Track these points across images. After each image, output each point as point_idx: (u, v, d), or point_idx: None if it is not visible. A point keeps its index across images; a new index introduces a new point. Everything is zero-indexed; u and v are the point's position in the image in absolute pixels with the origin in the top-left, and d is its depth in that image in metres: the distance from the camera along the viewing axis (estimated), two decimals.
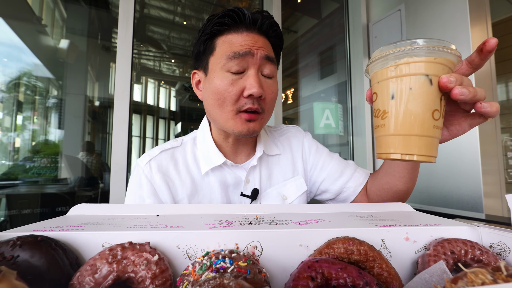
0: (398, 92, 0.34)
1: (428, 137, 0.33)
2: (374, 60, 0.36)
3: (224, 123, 0.57)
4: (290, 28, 2.88)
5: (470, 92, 0.33)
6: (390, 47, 0.34)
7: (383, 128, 0.35)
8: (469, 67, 0.39)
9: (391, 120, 0.34)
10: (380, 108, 0.36)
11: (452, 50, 0.33)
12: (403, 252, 0.32)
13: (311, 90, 2.55)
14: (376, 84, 0.37)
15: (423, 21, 1.42)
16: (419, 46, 0.32)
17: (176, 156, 0.64)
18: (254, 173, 0.65)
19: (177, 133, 5.10)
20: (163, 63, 4.73)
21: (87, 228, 0.31)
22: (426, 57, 0.32)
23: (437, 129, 0.34)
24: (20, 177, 1.65)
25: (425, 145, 0.33)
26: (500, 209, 1.18)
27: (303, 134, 0.76)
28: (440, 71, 0.33)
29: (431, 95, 0.33)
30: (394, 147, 0.34)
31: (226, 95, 0.54)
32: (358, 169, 0.71)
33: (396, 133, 0.34)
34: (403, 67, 0.33)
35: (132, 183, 0.60)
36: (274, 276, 0.30)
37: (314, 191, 0.73)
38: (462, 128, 0.42)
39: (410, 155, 0.33)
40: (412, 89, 0.33)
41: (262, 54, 0.55)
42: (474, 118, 0.40)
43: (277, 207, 0.44)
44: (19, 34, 1.76)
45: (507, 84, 2.35)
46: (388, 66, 0.34)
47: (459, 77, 0.33)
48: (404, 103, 0.33)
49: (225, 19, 0.55)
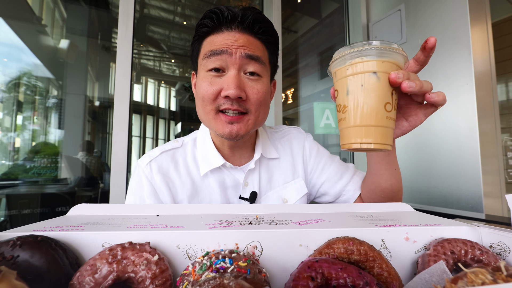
0: (353, 88, 0.38)
1: (383, 127, 0.37)
2: (335, 60, 0.40)
3: (208, 123, 0.57)
4: (290, 28, 2.88)
5: (417, 85, 0.38)
6: (346, 48, 0.39)
7: (344, 121, 0.40)
8: (417, 64, 0.43)
9: (349, 113, 0.38)
10: (341, 103, 0.40)
11: (399, 51, 0.37)
12: (403, 252, 0.32)
13: (311, 90, 2.55)
14: (336, 81, 0.41)
15: (423, 21, 1.42)
16: (369, 47, 0.37)
17: (177, 157, 0.63)
18: (253, 176, 0.65)
19: (177, 133, 5.10)
20: (163, 63, 4.73)
21: (87, 228, 0.31)
22: (376, 57, 0.37)
23: (390, 119, 0.38)
24: (20, 177, 1.65)
25: (381, 134, 0.37)
26: (500, 209, 1.18)
27: (305, 136, 0.75)
28: (389, 69, 0.37)
29: (381, 89, 0.37)
30: (354, 137, 0.38)
31: (204, 94, 0.54)
32: (358, 172, 0.71)
33: (355, 125, 0.38)
34: (355, 66, 0.38)
35: (133, 184, 0.60)
36: (274, 276, 0.30)
37: (314, 193, 0.73)
38: (419, 118, 0.45)
39: (367, 143, 0.37)
40: (363, 85, 0.37)
41: (241, 53, 0.53)
42: (427, 108, 0.44)
43: (277, 207, 0.44)
44: (19, 34, 1.76)
45: (507, 84, 2.35)
46: (344, 66, 0.39)
47: (406, 73, 0.37)
48: (359, 98, 0.37)
49: (205, 21, 0.55)
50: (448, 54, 1.27)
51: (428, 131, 1.34)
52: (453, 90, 1.23)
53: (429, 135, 1.35)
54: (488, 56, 1.25)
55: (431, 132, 1.33)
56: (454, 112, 1.23)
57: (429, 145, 1.34)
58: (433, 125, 1.32)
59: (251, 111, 0.55)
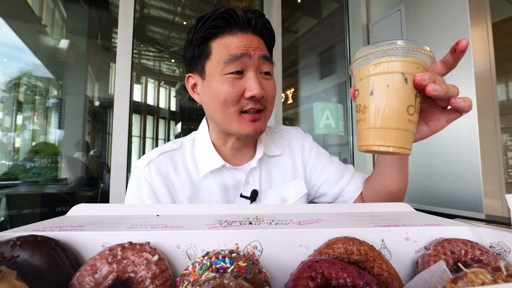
0: (377, 88, 0.37)
1: (404, 130, 0.36)
2: (357, 58, 0.39)
3: (228, 125, 0.57)
4: (290, 28, 2.88)
5: (443, 89, 0.36)
6: (371, 47, 0.37)
7: (363, 122, 0.38)
8: (444, 67, 0.41)
9: (370, 114, 0.37)
10: (361, 104, 0.39)
11: (426, 52, 0.36)
12: (403, 252, 0.32)
13: (311, 90, 2.55)
14: (358, 81, 0.40)
15: (423, 21, 1.42)
16: (396, 47, 0.35)
17: (176, 158, 0.63)
18: (254, 175, 0.65)
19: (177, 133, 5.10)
20: (163, 63, 4.73)
21: (87, 228, 0.31)
22: (402, 57, 0.35)
23: (412, 123, 0.37)
24: (20, 177, 1.65)
25: (401, 138, 0.36)
26: (500, 209, 1.18)
27: (304, 137, 0.76)
28: (415, 70, 0.36)
29: (406, 92, 0.36)
30: (373, 139, 0.37)
31: (227, 97, 0.54)
32: (357, 173, 0.71)
33: (375, 126, 0.37)
34: (382, 65, 0.36)
35: (132, 185, 0.60)
36: (274, 276, 0.30)
37: (313, 194, 0.73)
38: (441, 124, 0.44)
39: (386, 146, 0.36)
40: (389, 86, 0.36)
41: (259, 55, 0.55)
42: (450, 114, 0.43)
43: (277, 207, 0.44)
44: (19, 34, 1.76)
45: (507, 84, 2.35)
46: (369, 65, 0.37)
47: (432, 76, 0.36)
48: (382, 99, 0.36)
49: (218, 22, 0.54)
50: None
51: None
52: None
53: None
54: (488, 56, 1.25)
55: None
56: None
57: (429, 145, 1.34)
58: None
59: (267, 108, 0.59)
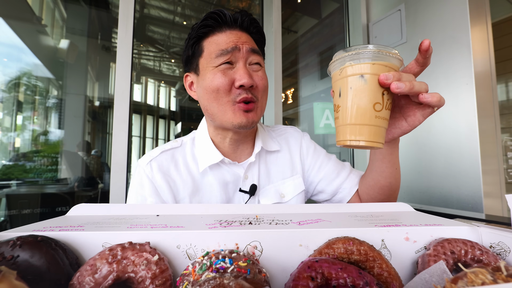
0: (343, 90, 0.41)
1: (373, 126, 0.39)
2: (332, 63, 0.43)
3: (223, 115, 0.58)
4: (290, 28, 2.87)
5: (407, 86, 0.38)
6: (341, 53, 0.41)
7: (338, 119, 0.42)
8: (417, 65, 0.44)
9: (343, 113, 0.41)
10: (336, 103, 0.43)
11: (391, 54, 0.39)
12: (403, 252, 0.32)
13: (311, 90, 2.55)
14: (333, 83, 0.44)
15: (423, 21, 1.42)
16: (361, 51, 0.39)
17: (176, 156, 0.65)
18: (253, 170, 0.67)
19: (177, 133, 5.10)
20: (163, 63, 4.73)
21: (87, 228, 0.31)
22: (367, 59, 0.39)
23: (380, 119, 0.40)
24: (20, 177, 1.65)
25: (371, 133, 0.40)
26: (500, 209, 1.18)
27: (301, 135, 0.77)
28: (380, 71, 0.39)
29: (370, 91, 0.39)
30: (347, 135, 0.41)
31: (219, 86, 0.56)
32: (353, 170, 0.73)
33: (347, 123, 0.41)
34: (345, 69, 0.41)
35: (134, 183, 0.62)
36: (274, 276, 0.30)
37: (311, 191, 0.74)
38: (417, 119, 0.46)
39: (357, 141, 0.40)
40: (352, 87, 0.40)
41: (247, 48, 0.59)
42: (424, 109, 0.45)
43: (277, 207, 0.44)
44: (19, 34, 1.76)
45: (507, 84, 2.35)
46: (337, 70, 0.42)
47: (397, 74, 0.38)
48: (348, 99, 0.40)
49: (208, 22, 0.59)
50: (448, 54, 1.27)
51: (428, 131, 1.34)
52: (453, 90, 1.23)
53: (429, 135, 1.35)
54: (488, 56, 1.25)
55: (431, 132, 1.33)
56: (454, 112, 1.23)
57: (429, 145, 1.34)
58: (433, 125, 1.32)
59: (259, 99, 0.60)
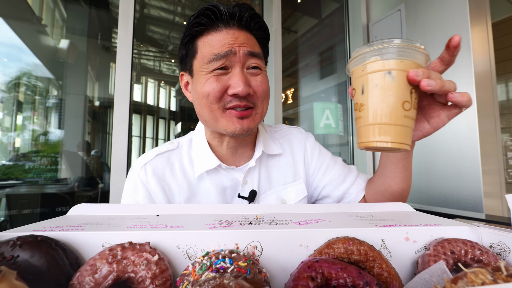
0: (368, 87, 0.38)
1: (400, 125, 0.37)
2: (352, 59, 0.40)
3: (215, 122, 0.55)
4: (290, 28, 2.88)
5: (437, 83, 0.36)
6: (364, 47, 0.38)
7: (361, 119, 0.39)
8: (442, 64, 0.41)
9: (366, 111, 0.38)
10: (358, 102, 0.40)
11: (420, 49, 0.36)
12: (403, 252, 0.32)
13: (311, 90, 2.55)
14: (354, 80, 0.41)
15: (423, 21, 1.42)
16: (387, 46, 0.36)
17: (172, 159, 0.62)
18: (253, 174, 0.63)
19: (177, 133, 5.10)
20: (163, 63, 4.73)
21: (87, 228, 0.31)
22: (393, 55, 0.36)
23: (408, 118, 0.37)
24: (20, 177, 1.65)
25: (398, 133, 0.37)
26: (500, 209, 1.18)
27: (305, 136, 0.73)
28: (408, 67, 0.36)
29: (398, 88, 0.36)
30: (371, 135, 0.38)
31: (210, 92, 0.52)
32: (361, 174, 0.70)
33: (372, 123, 0.37)
34: (371, 65, 0.38)
35: (128, 187, 0.59)
36: (274, 276, 0.30)
37: (316, 195, 0.71)
38: (442, 120, 0.43)
39: (384, 142, 0.37)
40: (378, 84, 0.37)
41: (245, 51, 0.53)
42: (450, 110, 0.42)
43: (277, 207, 0.44)
44: (19, 34, 1.76)
45: (507, 84, 2.35)
46: (361, 65, 0.39)
47: (426, 71, 0.36)
48: (374, 96, 0.37)
49: (201, 19, 0.53)
50: None
51: None
52: None
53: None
54: (488, 56, 1.25)
55: None
56: None
57: (429, 145, 1.34)
58: None
59: (257, 105, 0.56)
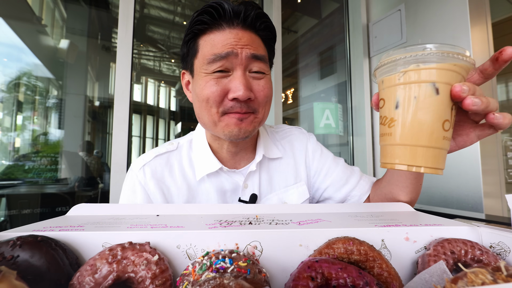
0: (404, 100, 0.32)
1: (437, 148, 0.32)
2: (383, 64, 0.34)
3: (213, 126, 0.53)
4: (290, 28, 2.88)
5: (483, 103, 0.31)
6: (399, 52, 0.32)
7: (389, 136, 0.34)
8: (481, 77, 0.36)
9: (397, 129, 0.33)
10: (387, 116, 0.34)
11: (466, 57, 0.31)
12: (403, 252, 0.32)
13: (311, 90, 2.55)
14: (383, 90, 0.35)
15: (423, 21, 1.42)
16: (430, 52, 0.30)
17: (172, 161, 0.61)
18: (253, 178, 0.62)
19: (177, 133, 5.11)
20: (163, 63, 4.73)
21: (87, 228, 0.31)
22: (436, 63, 0.31)
23: (447, 140, 0.32)
24: (20, 177, 1.65)
25: (433, 157, 0.32)
26: (500, 209, 1.18)
27: (307, 137, 0.71)
28: (452, 79, 0.31)
29: (440, 104, 0.31)
30: (400, 157, 0.33)
31: (209, 96, 0.50)
32: (364, 176, 0.68)
33: (403, 143, 0.32)
34: (410, 73, 0.32)
35: (126, 189, 0.58)
36: (274, 276, 0.30)
37: (317, 197, 0.70)
38: (470, 139, 0.40)
39: (417, 166, 0.32)
40: (417, 97, 0.31)
41: (247, 53, 0.50)
42: (483, 130, 0.38)
43: (277, 207, 0.44)
44: (19, 34, 1.76)
45: (507, 84, 2.35)
46: (396, 73, 0.33)
47: (472, 87, 0.31)
48: (411, 112, 0.31)
49: (203, 17, 0.50)
50: None
51: None
52: None
53: None
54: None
55: None
56: None
57: None
58: None
59: (258, 111, 0.54)
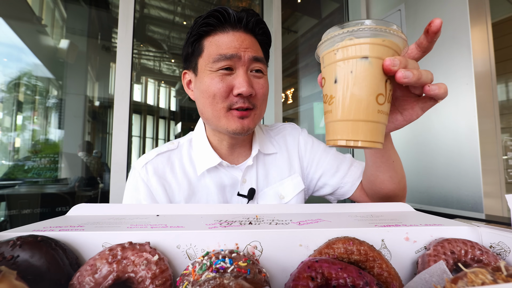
0: (341, 75, 0.33)
1: (373, 122, 0.33)
2: (322, 42, 0.35)
3: (217, 121, 0.57)
4: (290, 28, 2.87)
5: (414, 75, 0.33)
6: (336, 29, 0.33)
7: (330, 114, 0.35)
8: (419, 50, 0.38)
9: (336, 105, 0.33)
10: (327, 93, 0.35)
11: (397, 32, 0.32)
12: (403, 252, 0.32)
13: (311, 90, 2.55)
14: (324, 68, 0.36)
15: (423, 21, 1.42)
16: (363, 27, 0.31)
17: (173, 159, 0.64)
18: (251, 173, 0.65)
19: (177, 133, 5.10)
20: (163, 63, 4.73)
21: (87, 228, 0.31)
22: (369, 38, 0.31)
23: (382, 114, 0.33)
24: (20, 177, 1.65)
25: (370, 131, 0.33)
26: (500, 209, 1.18)
27: (299, 131, 0.76)
28: (384, 54, 0.32)
29: (374, 78, 0.32)
30: (341, 133, 0.34)
31: (216, 92, 0.55)
32: (355, 162, 0.69)
33: (343, 119, 0.33)
34: (344, 49, 0.32)
35: (129, 186, 0.61)
36: (274, 276, 0.30)
37: (312, 187, 0.73)
38: (416, 113, 0.42)
39: (354, 141, 0.33)
40: (353, 72, 0.32)
41: (249, 56, 0.56)
42: (425, 102, 0.40)
43: (277, 207, 0.44)
44: (19, 34, 1.76)
45: (507, 84, 2.35)
46: (333, 49, 0.34)
47: (403, 60, 0.32)
48: (347, 88, 0.32)
49: (210, 20, 0.56)
50: (448, 54, 1.27)
51: (428, 131, 1.34)
52: (453, 90, 1.23)
53: (428, 135, 1.35)
54: (488, 56, 1.25)
55: (431, 132, 1.33)
56: (454, 112, 1.23)
57: (429, 145, 1.34)
58: (432, 125, 1.32)
59: (257, 106, 0.59)
